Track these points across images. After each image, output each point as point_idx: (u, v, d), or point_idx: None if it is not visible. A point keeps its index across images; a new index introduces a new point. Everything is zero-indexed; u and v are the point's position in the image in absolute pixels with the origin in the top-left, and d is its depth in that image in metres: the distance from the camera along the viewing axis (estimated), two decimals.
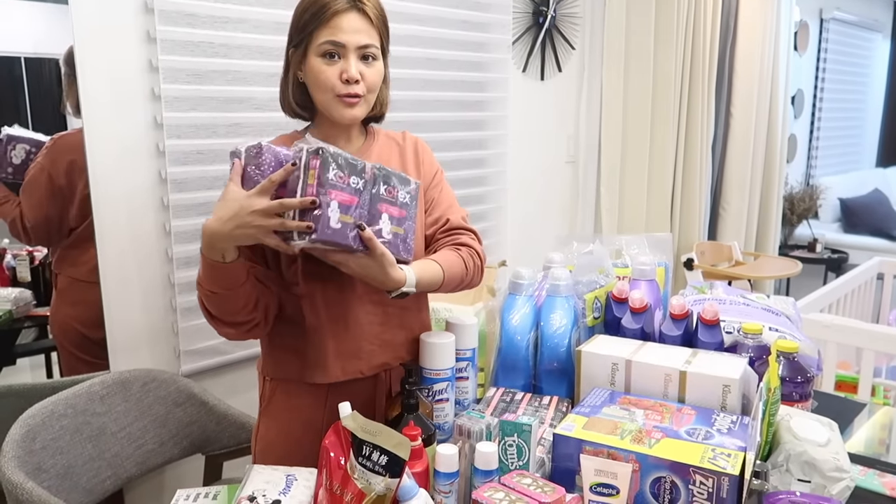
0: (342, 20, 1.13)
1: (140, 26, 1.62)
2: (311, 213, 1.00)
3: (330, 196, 1.01)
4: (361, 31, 1.14)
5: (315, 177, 1.01)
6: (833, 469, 1.01)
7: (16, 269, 1.69)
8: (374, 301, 1.22)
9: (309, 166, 1.01)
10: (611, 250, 1.61)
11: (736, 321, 1.40)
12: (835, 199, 5.68)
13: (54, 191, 1.62)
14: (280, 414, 1.24)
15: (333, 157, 1.02)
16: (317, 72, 1.15)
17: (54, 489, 1.34)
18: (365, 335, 1.21)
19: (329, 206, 1.01)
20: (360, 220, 1.05)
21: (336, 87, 1.14)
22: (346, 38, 1.13)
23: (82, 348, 1.70)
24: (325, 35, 1.13)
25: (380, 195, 1.09)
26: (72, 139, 1.60)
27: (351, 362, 1.21)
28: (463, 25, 2.38)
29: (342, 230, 1.02)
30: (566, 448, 1.02)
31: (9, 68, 1.59)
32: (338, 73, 1.14)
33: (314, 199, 1.00)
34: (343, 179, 1.03)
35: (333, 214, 1.01)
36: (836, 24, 5.59)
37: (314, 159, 1.01)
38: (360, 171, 1.06)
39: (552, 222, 2.93)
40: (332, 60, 1.14)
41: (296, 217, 1.01)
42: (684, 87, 3.21)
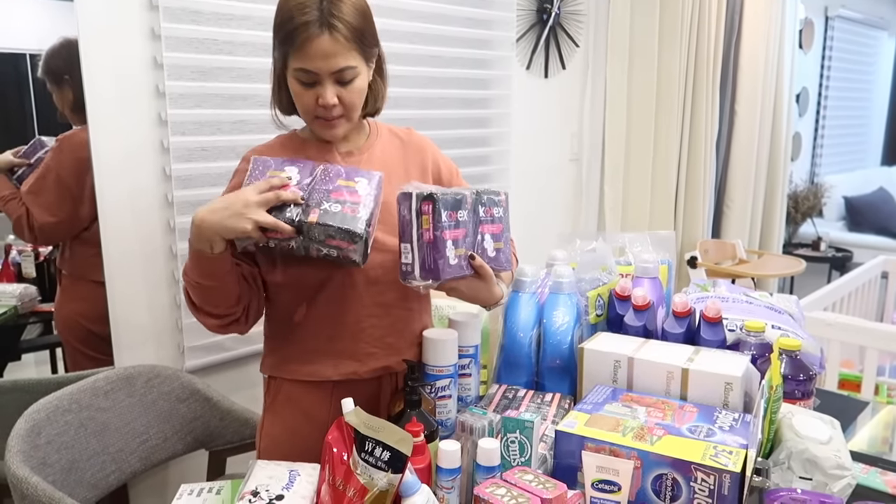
0: (313, 46, 1.06)
1: (145, 23, 1.62)
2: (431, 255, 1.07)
3: (446, 237, 1.07)
4: (335, 54, 1.08)
5: (430, 222, 1.07)
6: (834, 467, 1.01)
7: (21, 264, 1.70)
8: (378, 304, 1.21)
9: (421, 212, 1.07)
10: (614, 248, 1.61)
11: (739, 319, 1.40)
12: (839, 197, 5.67)
13: (63, 192, 1.62)
14: (284, 411, 1.24)
15: (443, 201, 1.07)
16: (296, 94, 1.13)
17: (59, 484, 1.35)
18: (365, 338, 1.21)
19: (446, 247, 1.08)
20: (469, 248, 1.12)
21: (313, 111, 1.13)
22: (319, 65, 1.08)
23: (87, 344, 1.71)
24: (298, 61, 1.09)
25: (479, 218, 1.15)
26: (77, 138, 1.60)
27: (345, 363, 1.21)
28: (466, 22, 2.38)
29: (458, 264, 1.10)
30: (568, 445, 1.02)
31: (14, 65, 1.59)
32: (314, 99, 1.11)
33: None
34: (452, 217, 1.09)
35: (451, 253, 1.08)
36: (841, 21, 5.57)
37: (426, 205, 1.06)
38: (463, 204, 1.12)
39: (555, 220, 2.93)
40: (307, 86, 1.11)
41: (414, 260, 1.07)
42: (688, 84, 3.21)
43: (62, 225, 1.63)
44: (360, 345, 1.21)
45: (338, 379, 1.21)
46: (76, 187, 1.61)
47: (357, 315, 1.20)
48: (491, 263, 1.16)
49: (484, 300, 1.18)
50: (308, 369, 1.21)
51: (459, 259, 1.10)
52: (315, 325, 1.20)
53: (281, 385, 1.25)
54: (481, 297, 1.17)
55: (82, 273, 1.68)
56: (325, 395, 1.22)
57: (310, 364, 1.21)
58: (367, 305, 1.21)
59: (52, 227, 1.63)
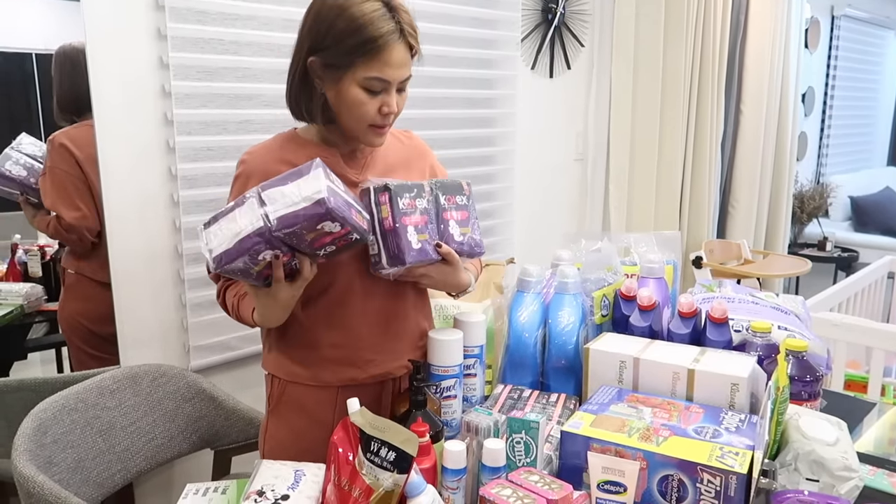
0: (392, 55, 1.08)
1: (151, 23, 1.63)
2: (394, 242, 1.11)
3: (406, 223, 1.12)
4: (405, 64, 1.12)
5: (388, 210, 1.11)
6: (842, 468, 1.00)
7: (27, 264, 1.70)
8: (376, 312, 1.23)
9: (379, 202, 1.12)
10: (619, 248, 1.61)
11: (745, 319, 1.40)
12: (845, 197, 5.65)
13: (76, 184, 1.62)
14: (289, 413, 1.25)
15: (397, 190, 1.12)
16: (356, 102, 1.11)
17: (65, 482, 1.36)
18: (364, 345, 1.22)
19: (407, 232, 1.12)
20: (434, 235, 1.16)
21: (374, 120, 1.14)
22: (395, 74, 1.10)
23: (90, 343, 1.71)
24: (374, 70, 1.09)
25: (442, 206, 1.19)
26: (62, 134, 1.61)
27: (345, 369, 1.22)
28: (472, 22, 2.38)
29: (423, 248, 1.14)
30: (574, 445, 1.02)
31: (20, 64, 1.60)
32: (377, 106, 1.12)
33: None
34: (410, 205, 1.13)
35: (412, 238, 1.12)
36: (847, 21, 5.55)
37: (382, 195, 1.12)
38: (420, 192, 1.16)
39: (560, 220, 2.92)
40: (374, 95, 1.12)
41: (380, 249, 1.12)
42: (694, 84, 3.20)
43: (87, 217, 1.64)
44: (360, 352, 1.22)
45: (338, 384, 1.22)
46: (83, 176, 1.62)
47: (356, 322, 1.21)
48: (460, 248, 1.19)
49: (454, 286, 1.24)
50: (310, 374, 1.22)
51: (423, 244, 1.13)
52: (316, 331, 1.21)
53: (285, 386, 1.25)
54: (450, 282, 1.22)
55: (87, 273, 1.68)
56: (329, 398, 1.22)
57: (312, 369, 1.22)
58: (366, 313, 1.22)
59: (80, 220, 1.63)
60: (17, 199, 1.61)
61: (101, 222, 1.62)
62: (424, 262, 1.15)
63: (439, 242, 1.16)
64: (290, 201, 0.99)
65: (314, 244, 1.03)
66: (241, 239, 0.99)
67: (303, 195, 0.98)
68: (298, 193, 0.99)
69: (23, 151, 1.58)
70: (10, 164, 1.57)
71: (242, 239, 0.99)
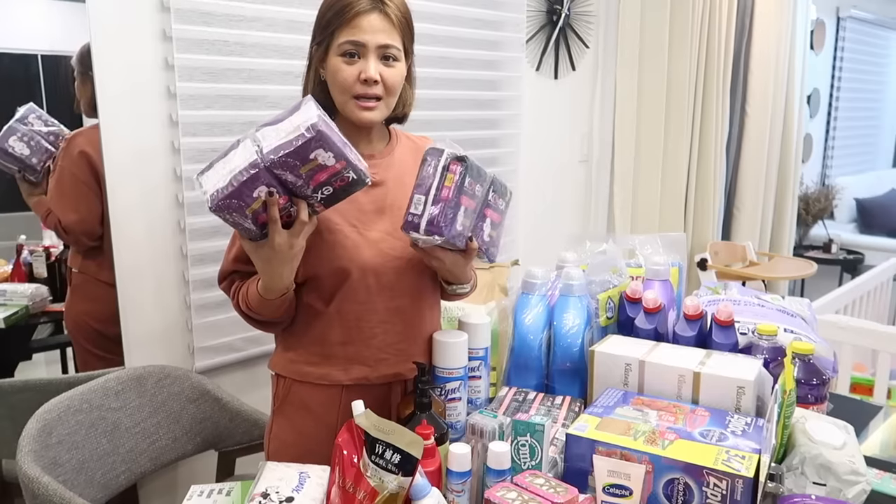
0: (363, 20, 1.13)
1: (156, 25, 1.63)
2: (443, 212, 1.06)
3: (462, 202, 1.08)
4: (382, 31, 1.14)
5: (454, 181, 1.07)
6: (849, 472, 1.00)
7: (32, 264, 1.71)
8: (391, 310, 1.22)
9: (448, 170, 1.07)
10: (624, 250, 1.61)
11: (750, 322, 1.39)
12: (851, 199, 5.63)
13: (81, 188, 1.63)
14: (294, 413, 1.24)
15: (471, 167, 1.08)
16: (335, 70, 1.15)
17: (70, 483, 1.36)
18: (377, 343, 1.22)
19: (460, 211, 1.08)
20: (471, 225, 1.12)
21: (354, 88, 1.15)
22: (367, 37, 1.13)
23: (96, 344, 1.72)
24: (345, 34, 1.13)
25: (488, 201, 1.15)
26: (83, 136, 1.62)
27: (356, 368, 1.21)
28: (476, 24, 2.37)
29: (462, 233, 1.10)
30: (579, 448, 1.01)
31: (25, 66, 1.60)
32: (356, 74, 1.14)
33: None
34: (472, 186, 1.10)
35: (460, 219, 1.09)
36: (852, 22, 5.54)
37: (455, 164, 1.07)
38: (484, 180, 1.13)
39: (565, 221, 2.92)
40: (351, 59, 1.14)
41: (424, 211, 1.06)
42: (699, 85, 3.19)
43: (87, 221, 1.64)
44: (372, 350, 1.21)
45: (348, 383, 1.21)
46: (94, 183, 1.62)
47: (370, 320, 1.21)
48: (484, 246, 1.17)
49: (456, 277, 1.22)
50: (319, 372, 1.22)
51: (463, 229, 1.10)
52: (329, 328, 1.20)
53: (290, 386, 1.25)
54: (457, 273, 1.20)
55: (93, 273, 1.69)
56: (334, 399, 1.22)
57: (321, 367, 1.22)
58: (380, 311, 1.21)
59: (77, 224, 1.64)
60: (14, 174, 1.61)
61: (106, 225, 1.62)
62: (452, 245, 1.11)
63: (472, 237, 1.13)
64: (282, 133, 0.98)
65: (310, 182, 1.01)
66: (234, 174, 0.97)
67: (294, 125, 0.98)
68: (290, 125, 0.98)
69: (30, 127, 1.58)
70: (14, 140, 1.56)
71: (236, 174, 0.97)
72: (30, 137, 1.57)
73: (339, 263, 1.17)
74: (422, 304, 1.26)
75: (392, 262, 1.20)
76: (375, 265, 1.19)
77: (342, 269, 1.17)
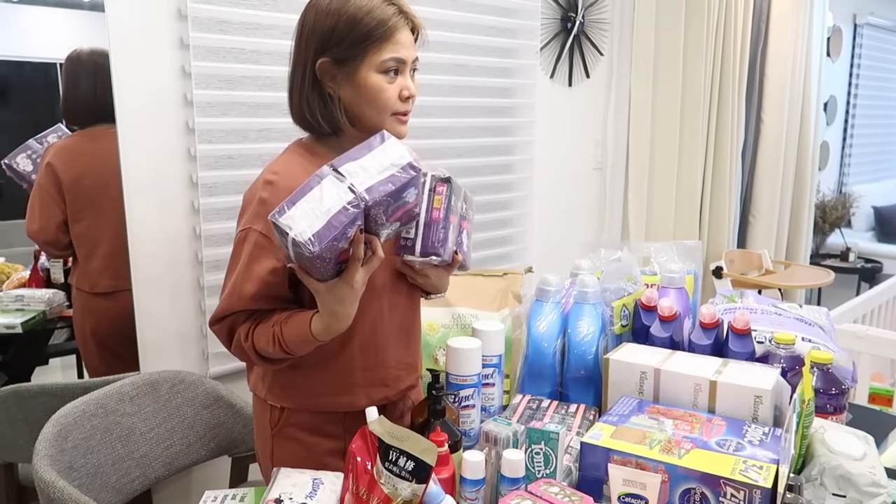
0: (401, 36, 1.11)
1: (174, 33, 1.64)
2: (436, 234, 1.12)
3: (450, 221, 1.13)
4: (412, 45, 1.15)
5: (442, 202, 1.12)
6: (869, 484, 0.98)
7: (49, 270, 1.72)
8: (400, 327, 1.25)
9: (435, 192, 1.12)
10: (639, 257, 1.60)
11: (768, 331, 1.38)
12: (868, 207, 5.57)
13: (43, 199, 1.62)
14: (298, 434, 1.22)
15: (455, 187, 1.15)
16: (377, 89, 1.11)
17: (85, 488, 1.36)
18: (391, 363, 1.24)
19: (450, 229, 1.13)
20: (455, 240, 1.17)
21: (396, 106, 1.13)
22: (407, 53, 1.12)
23: (101, 357, 1.73)
24: (388, 52, 1.09)
25: (463, 215, 1.21)
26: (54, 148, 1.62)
27: (378, 389, 1.23)
28: (490, 31, 2.38)
29: (450, 249, 1.16)
30: (594, 457, 1.00)
31: (44, 74, 1.62)
32: (398, 91, 1.12)
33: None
34: (456, 204, 1.16)
35: (451, 237, 1.13)
36: (870, 29, 5.49)
37: (441, 186, 1.13)
38: (464, 196, 1.19)
39: (579, 229, 2.91)
40: (393, 78, 1.12)
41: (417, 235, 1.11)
42: (714, 93, 3.18)
43: (47, 230, 1.64)
44: (389, 370, 1.24)
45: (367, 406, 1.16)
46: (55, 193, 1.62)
47: (384, 341, 1.22)
48: (464, 258, 1.22)
49: (439, 289, 1.27)
50: (343, 401, 1.20)
51: (453, 245, 1.15)
52: (350, 355, 1.19)
53: (290, 414, 1.21)
54: (439, 286, 1.25)
55: (84, 289, 1.70)
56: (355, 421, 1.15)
57: (344, 396, 1.20)
58: (393, 331, 1.23)
59: (37, 234, 1.65)
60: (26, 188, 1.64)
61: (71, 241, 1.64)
62: (440, 262, 1.16)
63: (457, 251, 1.19)
64: (374, 171, 0.94)
65: (389, 218, 1.00)
66: (333, 214, 0.92)
67: (388, 163, 0.95)
68: (381, 163, 0.95)
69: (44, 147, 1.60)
70: (21, 158, 1.59)
71: (336, 214, 0.92)
72: (38, 156, 1.60)
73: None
74: (417, 316, 1.32)
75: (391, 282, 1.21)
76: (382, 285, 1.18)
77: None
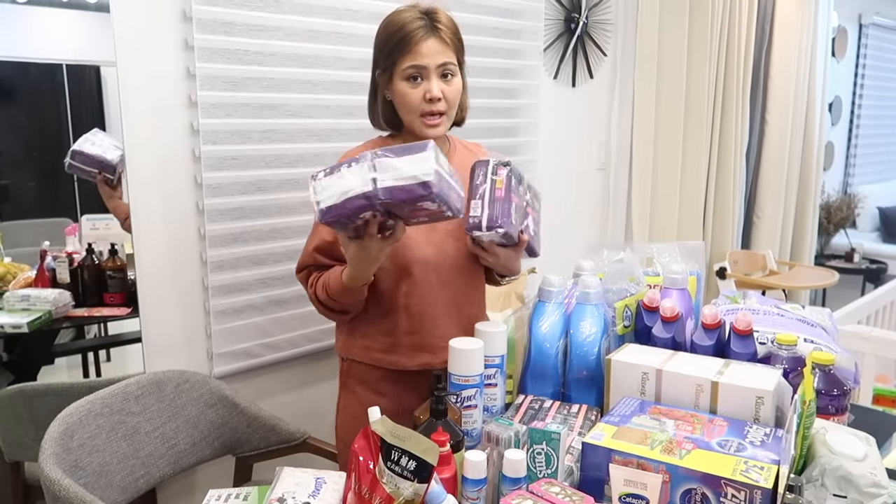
0: (423, 46, 1.28)
1: (178, 34, 1.65)
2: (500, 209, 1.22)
3: (512, 200, 1.24)
4: (439, 52, 1.29)
5: (503, 183, 1.23)
6: (870, 485, 0.98)
7: (55, 270, 1.73)
8: (451, 304, 1.39)
9: (496, 174, 1.24)
10: (642, 258, 1.60)
11: (770, 332, 1.38)
12: (873, 207, 5.56)
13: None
14: (357, 387, 1.42)
15: (515, 170, 1.26)
16: (402, 94, 1.30)
17: (90, 486, 1.37)
18: (439, 333, 1.37)
19: (512, 207, 1.24)
20: (520, 222, 1.28)
21: (420, 108, 1.30)
22: (427, 60, 1.28)
23: None
24: (408, 60, 1.28)
25: (528, 201, 1.33)
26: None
27: (421, 355, 1.38)
28: (494, 32, 2.38)
29: (516, 227, 1.26)
30: (595, 457, 1.01)
31: (51, 75, 1.63)
32: (421, 94, 1.29)
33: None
34: (517, 187, 1.27)
35: (513, 214, 1.25)
36: (875, 29, 5.48)
37: (501, 168, 1.25)
38: (523, 182, 1.30)
39: (582, 229, 2.91)
40: (415, 83, 1.29)
41: (483, 211, 1.22)
42: (718, 93, 3.17)
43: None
44: (435, 339, 1.37)
45: (414, 368, 1.37)
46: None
47: (433, 313, 1.37)
48: (530, 242, 1.33)
49: (511, 270, 1.40)
50: (390, 359, 1.38)
51: (517, 223, 1.26)
52: (397, 320, 1.36)
53: (352, 366, 1.43)
54: (510, 266, 1.37)
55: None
56: (400, 379, 1.39)
57: (391, 354, 1.38)
58: (442, 305, 1.38)
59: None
60: (94, 178, 1.66)
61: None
62: (508, 239, 1.26)
63: (523, 231, 1.29)
64: (399, 175, 1.07)
65: (410, 214, 1.14)
66: (348, 198, 1.08)
67: (412, 172, 1.06)
68: (408, 170, 1.07)
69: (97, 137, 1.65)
70: (87, 144, 1.64)
71: (349, 198, 1.08)
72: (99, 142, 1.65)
73: (402, 261, 1.34)
74: (474, 296, 1.44)
75: (450, 260, 1.37)
76: (435, 262, 1.36)
77: (406, 265, 1.34)
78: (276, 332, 1.91)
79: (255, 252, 1.84)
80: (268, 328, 1.89)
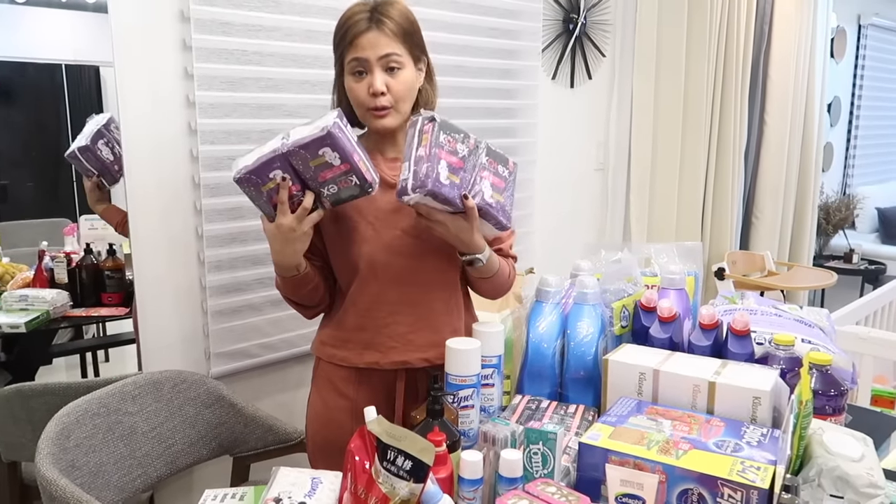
0: (363, 39, 1.25)
1: (176, 34, 1.65)
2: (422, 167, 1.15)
3: (440, 156, 1.16)
4: (380, 44, 1.25)
5: (428, 139, 1.16)
6: (867, 485, 0.98)
7: (54, 270, 1.73)
8: (403, 302, 1.33)
9: (423, 131, 1.18)
10: (640, 258, 1.60)
11: (767, 332, 1.38)
12: (872, 208, 5.56)
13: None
14: (322, 386, 1.41)
15: (443, 124, 1.19)
16: (349, 89, 1.29)
17: (87, 486, 1.37)
18: (388, 332, 1.33)
19: (439, 164, 1.16)
20: (465, 185, 1.19)
21: (366, 102, 1.27)
22: (367, 53, 1.25)
23: None
24: (350, 54, 1.26)
25: (482, 163, 1.23)
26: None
27: (369, 353, 1.34)
28: (492, 33, 2.38)
29: (450, 188, 1.16)
30: (592, 457, 1.01)
31: (50, 75, 1.63)
32: (366, 88, 1.26)
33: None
34: (451, 143, 1.18)
35: (443, 171, 1.16)
36: (874, 30, 5.48)
37: (428, 124, 1.18)
38: (464, 138, 1.21)
39: (580, 230, 2.91)
40: (360, 77, 1.27)
41: (409, 179, 1.15)
42: (716, 93, 3.18)
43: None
44: (383, 338, 1.33)
45: (362, 366, 1.34)
46: None
47: (380, 310, 1.33)
48: (486, 208, 1.21)
49: (465, 244, 1.24)
50: (340, 354, 1.36)
51: (451, 184, 1.16)
52: (346, 315, 1.35)
53: (319, 363, 1.42)
54: (463, 239, 1.23)
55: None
56: (352, 378, 1.36)
57: (341, 350, 1.36)
58: (392, 303, 1.32)
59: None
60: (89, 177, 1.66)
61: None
62: (448, 202, 1.16)
63: (466, 195, 1.18)
64: (305, 132, 1.16)
65: (318, 176, 1.17)
66: (259, 156, 1.17)
67: (314, 127, 1.16)
68: (314, 126, 1.16)
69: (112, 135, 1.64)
70: (102, 144, 1.64)
71: (260, 156, 1.16)
72: (113, 145, 1.64)
73: (349, 257, 1.32)
74: (433, 297, 1.35)
75: (403, 259, 1.31)
76: (386, 259, 1.31)
77: (352, 261, 1.31)
78: (273, 333, 1.91)
79: (252, 252, 1.83)
80: (265, 328, 1.89)
